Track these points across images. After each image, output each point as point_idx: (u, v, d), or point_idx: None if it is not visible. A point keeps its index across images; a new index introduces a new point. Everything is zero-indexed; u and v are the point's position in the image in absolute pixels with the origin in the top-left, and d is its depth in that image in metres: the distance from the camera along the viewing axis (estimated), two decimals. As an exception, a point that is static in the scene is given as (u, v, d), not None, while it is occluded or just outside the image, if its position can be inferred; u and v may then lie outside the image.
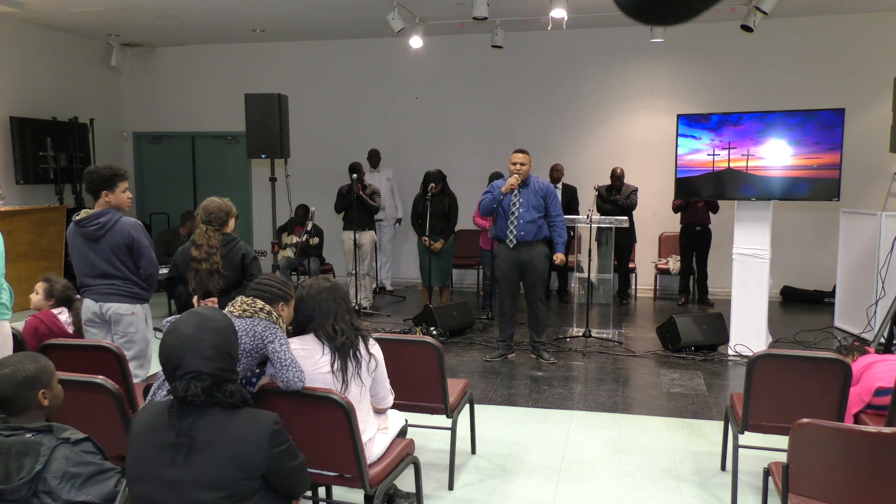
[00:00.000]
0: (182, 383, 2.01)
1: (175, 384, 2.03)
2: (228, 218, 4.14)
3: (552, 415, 4.79)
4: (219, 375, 2.05)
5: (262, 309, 2.81)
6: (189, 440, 1.99)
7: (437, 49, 9.30)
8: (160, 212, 10.48)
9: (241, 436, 2.03)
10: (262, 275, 3.14)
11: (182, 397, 2.01)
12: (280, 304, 2.94)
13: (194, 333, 2.07)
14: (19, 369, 2.25)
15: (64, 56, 9.27)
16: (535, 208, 5.75)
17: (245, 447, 2.02)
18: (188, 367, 2.02)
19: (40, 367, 2.29)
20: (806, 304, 8.43)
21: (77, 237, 4.00)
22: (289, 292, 3.00)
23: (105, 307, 3.97)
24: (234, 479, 2.01)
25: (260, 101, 6.32)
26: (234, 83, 9.69)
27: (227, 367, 2.10)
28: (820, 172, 5.78)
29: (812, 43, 8.45)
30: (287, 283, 3.05)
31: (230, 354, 2.12)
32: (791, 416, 2.77)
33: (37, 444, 2.13)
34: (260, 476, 2.07)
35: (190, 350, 2.04)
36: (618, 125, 9.13)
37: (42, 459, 2.11)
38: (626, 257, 8.34)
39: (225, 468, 2.00)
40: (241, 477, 2.02)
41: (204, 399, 2.01)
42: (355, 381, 2.84)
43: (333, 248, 9.13)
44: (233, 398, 2.06)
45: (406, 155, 9.48)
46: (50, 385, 2.30)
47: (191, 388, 2.00)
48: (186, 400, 2.01)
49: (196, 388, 2.00)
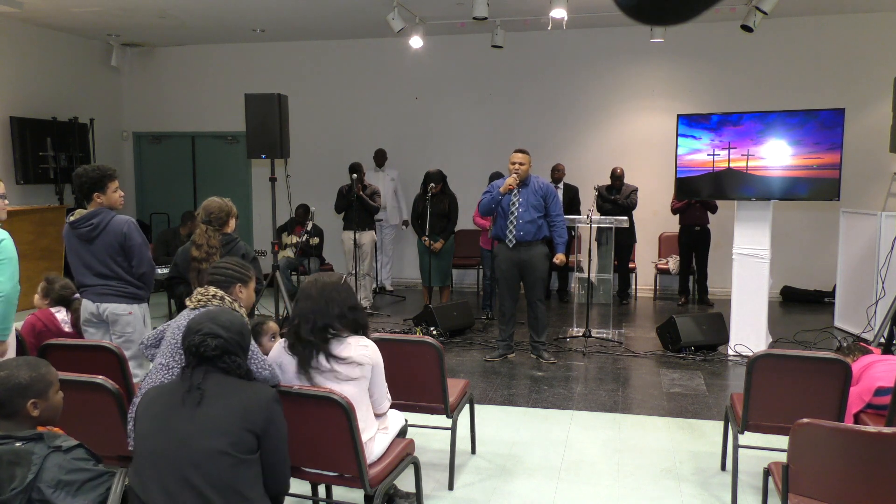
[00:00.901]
0: (199, 337, 2.27)
1: (192, 338, 2.28)
2: (229, 218, 4.15)
3: (552, 415, 4.79)
4: (231, 342, 2.30)
5: (214, 296, 2.79)
6: (200, 392, 2.21)
7: (437, 49, 9.30)
8: (160, 212, 10.48)
9: (244, 391, 2.28)
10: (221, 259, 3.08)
11: (196, 347, 2.26)
12: (236, 286, 2.90)
13: (217, 312, 2.40)
14: (14, 375, 2.21)
15: (64, 56, 9.26)
16: (534, 208, 5.75)
17: (248, 400, 2.25)
18: (207, 329, 2.29)
19: (36, 375, 2.24)
20: (806, 304, 8.43)
21: (72, 238, 3.99)
22: (246, 273, 2.96)
23: (102, 307, 3.97)
24: (238, 430, 2.19)
25: (260, 101, 6.32)
26: (234, 83, 9.68)
27: (239, 342, 2.34)
28: (820, 172, 5.78)
29: (812, 43, 8.46)
30: (245, 265, 3.00)
31: (243, 335, 2.38)
32: (791, 416, 2.77)
33: (28, 454, 2.10)
34: (258, 436, 2.24)
35: (211, 318, 2.34)
36: (618, 125, 9.13)
37: (34, 469, 2.07)
38: (626, 257, 8.34)
39: (229, 418, 2.20)
40: (243, 428, 2.20)
41: (215, 355, 2.26)
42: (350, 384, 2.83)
43: (333, 248, 9.13)
44: (240, 369, 2.32)
45: (406, 155, 9.48)
46: (45, 395, 2.24)
47: (206, 341, 2.26)
48: (199, 351, 2.26)
49: (211, 343, 2.26)
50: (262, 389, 2.34)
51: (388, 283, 9.27)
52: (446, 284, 7.65)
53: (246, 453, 2.20)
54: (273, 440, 2.28)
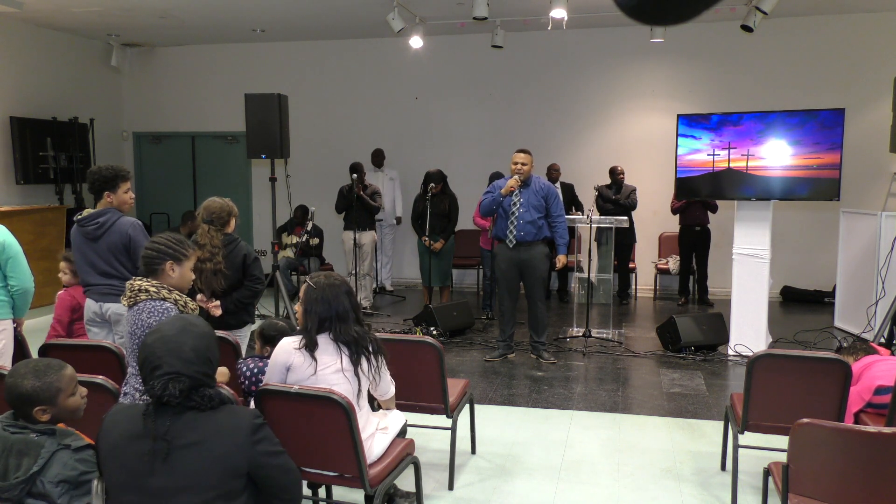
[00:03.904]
0: (160, 383, 1.96)
1: (152, 384, 1.98)
2: (230, 218, 4.15)
3: (552, 415, 4.79)
4: (197, 379, 2.01)
5: (140, 290, 2.72)
6: (166, 445, 1.94)
7: (437, 49, 9.30)
8: (160, 212, 10.48)
9: (219, 432, 1.99)
10: (160, 235, 2.91)
11: (159, 397, 1.97)
12: (167, 263, 2.78)
13: (176, 335, 2.04)
14: (18, 384, 2.21)
15: (64, 56, 9.26)
16: (535, 208, 5.75)
17: (224, 442, 1.98)
18: (167, 368, 1.98)
19: (41, 385, 2.21)
20: (806, 304, 8.43)
21: (78, 237, 4.01)
22: (181, 250, 2.82)
23: (105, 307, 3.97)
24: (218, 480, 1.97)
25: (260, 101, 6.32)
26: (234, 83, 9.69)
27: (207, 372, 2.06)
28: (820, 172, 5.78)
29: (812, 43, 8.45)
30: (182, 241, 2.85)
31: (210, 360, 2.08)
32: (791, 416, 2.77)
33: (37, 446, 2.13)
34: (244, 475, 2.03)
35: (170, 351, 2.00)
36: (618, 125, 9.13)
37: (40, 461, 2.10)
38: (626, 257, 8.34)
39: (207, 469, 1.96)
40: (224, 476, 1.97)
41: (180, 402, 1.97)
42: (365, 380, 2.84)
43: (334, 248, 9.13)
44: (211, 402, 2.02)
45: (406, 155, 9.48)
46: (52, 402, 2.23)
47: (168, 388, 1.96)
48: (162, 401, 1.97)
49: (174, 389, 1.96)
50: (239, 418, 2.04)
51: (388, 283, 9.27)
52: (446, 284, 7.65)
53: (232, 499, 2.00)
54: (267, 468, 2.07)
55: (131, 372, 2.78)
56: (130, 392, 2.73)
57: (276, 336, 3.13)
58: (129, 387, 2.76)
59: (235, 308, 4.09)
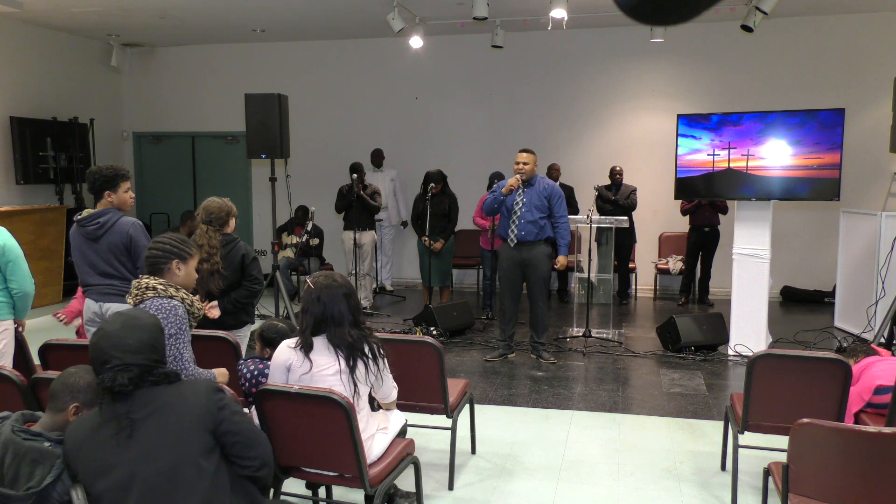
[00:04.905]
0: (109, 375, 2.09)
1: (103, 377, 2.11)
2: (229, 218, 4.14)
3: (552, 415, 4.79)
4: (145, 366, 2.13)
5: (147, 287, 2.75)
6: (130, 421, 2.07)
7: (437, 49, 9.30)
8: (160, 212, 10.48)
9: (180, 396, 2.13)
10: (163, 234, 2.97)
11: (110, 388, 2.09)
12: (173, 262, 2.84)
13: (119, 331, 2.16)
14: (76, 374, 2.30)
15: (64, 56, 9.26)
16: (537, 208, 5.76)
17: (187, 403, 2.11)
18: (115, 361, 2.11)
19: (93, 386, 2.29)
20: (806, 304, 8.43)
21: (78, 237, 4.01)
22: (186, 249, 2.89)
23: (105, 307, 3.97)
24: (187, 437, 2.07)
25: (260, 101, 6.33)
26: (234, 83, 9.69)
27: (155, 358, 2.17)
28: (820, 172, 5.78)
29: (812, 43, 8.45)
30: (186, 241, 2.92)
31: (155, 347, 2.20)
32: (791, 416, 2.77)
33: (52, 456, 2.14)
34: (211, 432, 2.11)
35: (115, 346, 2.13)
36: (618, 125, 9.12)
37: (55, 472, 2.11)
38: (626, 257, 8.34)
39: (173, 428, 2.08)
40: (192, 432, 2.08)
41: (130, 388, 2.09)
42: (362, 384, 2.84)
43: (334, 248, 9.13)
44: (168, 377, 2.16)
45: (406, 155, 9.48)
46: (90, 406, 2.29)
47: (118, 378, 2.08)
48: (114, 391, 2.09)
49: (123, 379, 2.08)
50: (197, 384, 2.21)
51: (388, 283, 9.27)
52: (446, 284, 7.65)
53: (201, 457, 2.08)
54: (230, 426, 2.15)
55: None
56: None
57: (276, 338, 3.11)
58: None
59: (234, 308, 4.09)
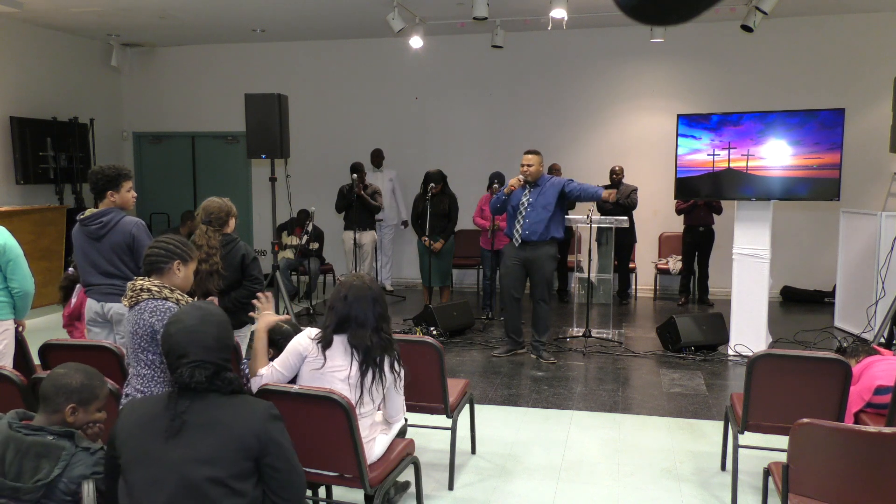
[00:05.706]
0: (187, 370, 2.08)
1: (180, 371, 2.09)
2: (228, 218, 4.14)
3: (552, 415, 4.79)
4: (219, 364, 2.14)
5: (142, 289, 2.75)
6: (182, 422, 2.05)
7: (437, 49, 9.30)
8: (160, 212, 10.48)
9: (236, 413, 2.10)
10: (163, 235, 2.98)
11: (187, 384, 2.08)
12: (174, 263, 2.83)
13: (198, 325, 2.16)
14: (67, 375, 2.29)
15: (64, 56, 9.26)
16: (543, 208, 5.77)
17: (240, 423, 2.08)
18: (193, 356, 2.10)
19: (87, 384, 2.30)
20: (806, 304, 8.43)
21: (81, 236, 4.01)
22: (187, 251, 2.89)
23: (107, 307, 3.97)
24: (231, 458, 2.04)
25: (260, 101, 6.32)
26: (234, 83, 9.69)
27: (227, 357, 2.18)
28: (820, 172, 5.77)
29: (812, 43, 8.45)
30: (187, 243, 2.92)
31: (228, 346, 2.21)
32: (791, 416, 2.77)
33: (58, 449, 2.14)
34: (255, 458, 2.07)
35: (194, 341, 2.12)
36: (618, 125, 9.12)
37: (62, 464, 2.12)
38: (626, 257, 8.34)
39: (221, 446, 2.04)
40: (237, 455, 2.04)
41: (206, 386, 2.09)
42: (369, 394, 2.83)
43: (334, 248, 9.13)
44: (231, 385, 2.14)
45: (406, 155, 9.48)
46: (86, 405, 2.30)
47: (195, 375, 2.08)
48: (190, 386, 2.08)
49: (200, 376, 2.08)
50: (256, 403, 2.15)
51: (388, 283, 9.27)
52: (446, 284, 7.65)
53: (241, 480, 2.04)
54: (273, 458, 2.09)
55: (133, 373, 2.75)
56: (132, 394, 2.69)
57: (280, 340, 3.10)
58: (130, 388, 2.72)
59: (234, 308, 4.09)
